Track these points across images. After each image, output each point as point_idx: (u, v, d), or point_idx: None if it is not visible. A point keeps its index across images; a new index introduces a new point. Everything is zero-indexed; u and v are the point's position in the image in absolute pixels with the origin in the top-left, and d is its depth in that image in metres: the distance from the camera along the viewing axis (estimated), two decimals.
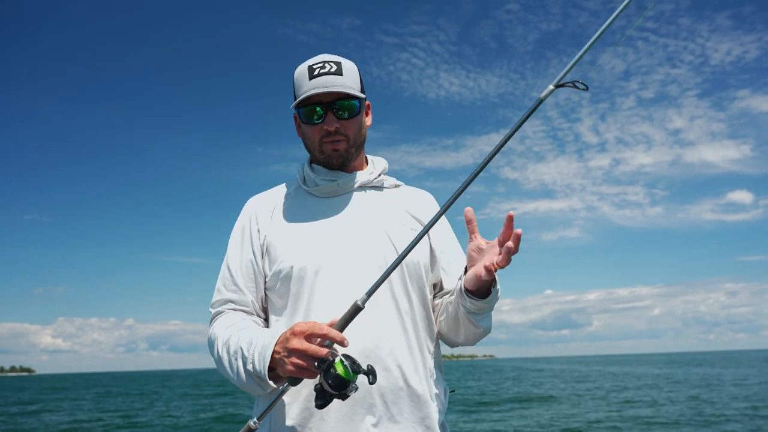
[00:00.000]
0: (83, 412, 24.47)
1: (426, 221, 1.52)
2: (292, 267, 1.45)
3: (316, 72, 1.48)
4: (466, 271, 1.40)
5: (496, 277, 1.37)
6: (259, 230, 1.55)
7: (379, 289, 1.28)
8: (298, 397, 1.39)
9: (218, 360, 1.44)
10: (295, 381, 1.26)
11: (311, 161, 1.61)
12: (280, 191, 1.64)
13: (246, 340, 1.36)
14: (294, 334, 1.25)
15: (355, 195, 1.57)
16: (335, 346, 1.24)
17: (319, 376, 1.21)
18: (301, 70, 1.51)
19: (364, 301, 1.26)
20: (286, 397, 1.39)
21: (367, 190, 1.59)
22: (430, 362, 1.51)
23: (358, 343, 1.35)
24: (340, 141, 1.51)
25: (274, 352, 1.28)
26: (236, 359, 1.37)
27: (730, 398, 20.75)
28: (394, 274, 1.41)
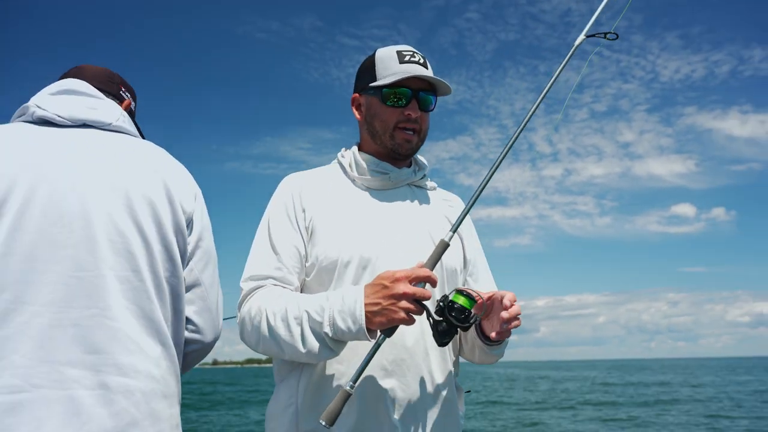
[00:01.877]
0: None
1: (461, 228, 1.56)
2: (339, 256, 1.39)
3: (407, 58, 1.47)
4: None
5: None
6: (304, 210, 1.46)
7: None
8: (339, 378, 1.35)
9: (268, 332, 1.31)
10: (390, 332, 1.23)
11: (360, 149, 1.57)
12: (321, 174, 1.57)
13: (312, 306, 1.28)
14: (397, 279, 1.21)
15: (403, 192, 1.55)
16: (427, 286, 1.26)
17: (430, 318, 1.24)
18: (387, 53, 1.49)
19: (451, 238, 1.30)
20: (325, 378, 1.36)
21: (414, 189, 1.58)
22: (452, 368, 1.50)
23: (395, 335, 1.27)
24: (415, 132, 1.49)
25: (366, 305, 1.22)
26: (299, 325, 1.27)
27: None
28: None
